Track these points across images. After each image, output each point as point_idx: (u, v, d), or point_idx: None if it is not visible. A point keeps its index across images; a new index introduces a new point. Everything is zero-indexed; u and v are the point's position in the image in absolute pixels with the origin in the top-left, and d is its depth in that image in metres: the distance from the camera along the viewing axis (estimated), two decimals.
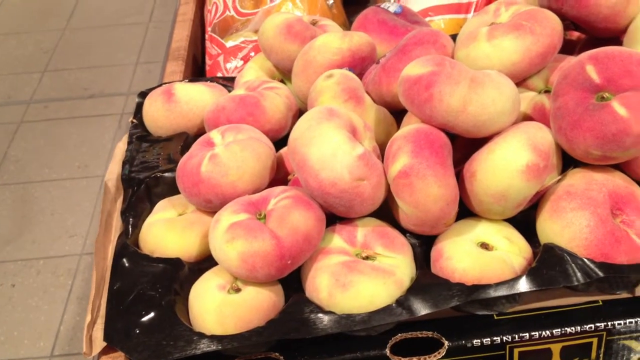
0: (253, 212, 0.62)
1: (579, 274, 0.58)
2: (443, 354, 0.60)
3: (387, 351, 0.60)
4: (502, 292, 0.58)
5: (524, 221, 0.65)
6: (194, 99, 0.81)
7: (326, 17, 0.99)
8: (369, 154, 0.61)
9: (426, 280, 0.60)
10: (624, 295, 0.62)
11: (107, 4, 2.26)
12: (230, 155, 0.66)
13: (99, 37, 2.10)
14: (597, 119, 0.58)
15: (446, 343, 0.60)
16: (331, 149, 0.60)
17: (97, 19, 2.18)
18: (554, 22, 0.68)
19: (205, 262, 0.66)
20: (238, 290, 0.61)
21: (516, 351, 0.61)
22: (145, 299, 0.62)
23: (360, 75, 0.77)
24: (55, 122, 1.77)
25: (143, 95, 0.88)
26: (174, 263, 0.65)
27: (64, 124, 1.77)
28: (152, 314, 0.61)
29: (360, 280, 0.59)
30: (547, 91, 0.69)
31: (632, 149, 0.58)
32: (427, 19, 0.99)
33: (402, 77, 0.63)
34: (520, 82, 0.70)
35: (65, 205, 1.53)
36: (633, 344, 0.61)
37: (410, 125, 0.64)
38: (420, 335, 0.61)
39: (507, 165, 0.59)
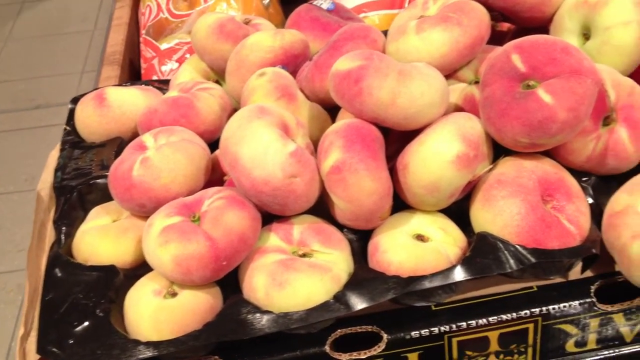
0: (187, 215, 0.61)
1: (512, 261, 0.59)
2: (383, 347, 0.60)
3: (327, 348, 0.60)
4: (437, 282, 0.58)
5: (459, 211, 0.65)
6: (127, 102, 0.80)
7: (261, 17, 0.99)
8: (302, 150, 0.61)
9: (363, 275, 0.60)
10: (558, 279, 0.62)
11: (49, 12, 2.22)
12: (162, 158, 0.65)
13: (42, 47, 2.06)
14: (524, 107, 0.59)
15: (385, 336, 0.60)
16: (262, 147, 0.59)
17: (40, 28, 2.14)
18: (481, 14, 0.69)
19: (142, 268, 0.65)
20: (174, 294, 0.60)
21: (454, 341, 0.61)
22: (79, 309, 0.61)
23: (294, 72, 0.77)
24: (0, 135, 1.73)
25: (75, 101, 0.86)
26: (108, 270, 0.64)
27: (10, 136, 1.73)
28: (86, 324, 0.59)
29: (297, 278, 0.59)
30: (477, 82, 0.70)
31: (559, 135, 0.59)
32: (362, 15, 1.00)
33: (332, 73, 0.63)
34: (451, 73, 0.71)
35: (13, 219, 1.49)
36: (568, 327, 0.62)
37: (342, 120, 0.64)
38: (359, 330, 0.61)
39: (438, 156, 0.59)
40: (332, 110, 0.73)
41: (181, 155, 0.66)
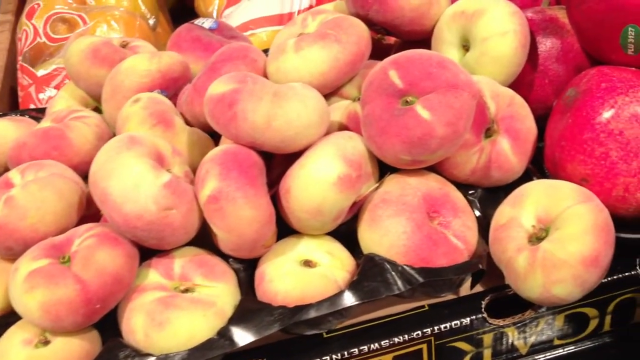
0: (55, 256, 0.57)
1: (400, 282, 0.57)
2: None
3: None
4: (324, 310, 0.56)
5: (349, 232, 0.63)
6: None
7: (146, 38, 0.96)
8: (177, 180, 0.58)
9: (248, 307, 0.58)
10: (450, 297, 0.61)
11: None
12: (28, 195, 0.61)
13: None
14: (403, 124, 0.57)
15: None
16: (133, 179, 0.56)
17: None
18: (360, 29, 0.68)
19: (12, 316, 0.60)
20: (46, 342, 0.56)
21: None
22: None
23: (174, 96, 0.74)
24: None
25: None
26: None
27: None
28: None
29: (178, 316, 0.56)
30: (360, 99, 0.68)
31: (439, 151, 0.58)
32: (249, 32, 0.97)
33: (206, 97, 0.60)
34: (334, 91, 0.69)
35: None
36: (462, 345, 0.61)
37: (220, 146, 0.61)
38: None
39: (319, 178, 0.57)
40: (216, 135, 0.70)
41: (49, 192, 0.61)
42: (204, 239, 0.62)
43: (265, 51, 0.74)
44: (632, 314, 0.64)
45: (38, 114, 0.86)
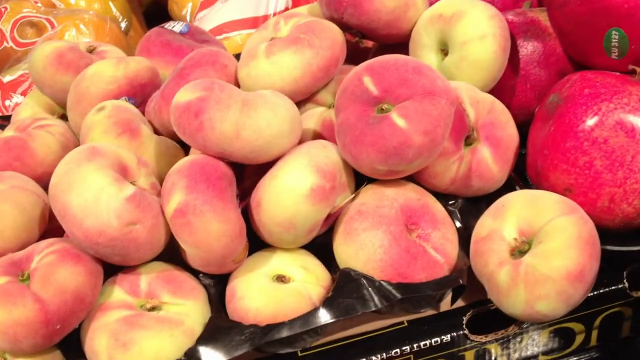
0: (14, 274, 0.54)
1: (376, 299, 0.55)
2: None
3: None
4: (297, 329, 0.53)
5: (324, 245, 0.61)
6: None
7: (117, 42, 0.93)
8: (142, 194, 0.55)
9: (217, 326, 0.55)
10: (430, 312, 0.59)
11: None
12: None
13: None
14: (378, 132, 0.55)
15: None
16: (94, 193, 0.53)
17: None
18: (334, 33, 0.65)
19: None
20: None
21: None
22: None
23: (142, 103, 0.71)
24: None
25: None
26: None
27: None
28: None
29: (143, 336, 0.53)
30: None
31: (417, 161, 0.55)
32: (223, 35, 0.95)
33: (173, 105, 0.57)
34: (308, 97, 0.66)
35: None
36: None
37: (187, 157, 0.58)
38: None
39: (291, 190, 0.55)
40: (186, 145, 0.67)
41: (8, 206, 0.58)
42: (172, 253, 0.59)
43: (238, 56, 0.71)
44: (620, 328, 0.61)
45: (4, 121, 0.83)
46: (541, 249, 0.52)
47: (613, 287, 0.58)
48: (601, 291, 0.58)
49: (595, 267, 0.52)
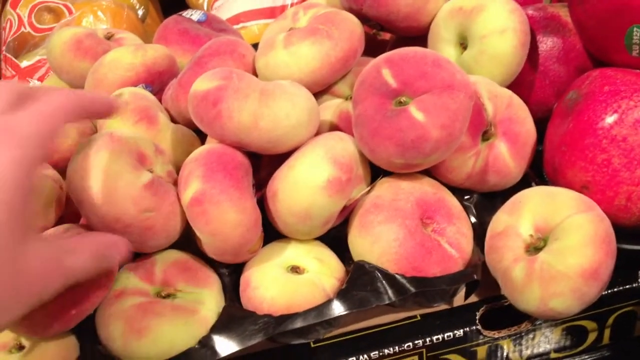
0: None
1: (390, 292, 0.54)
2: None
3: None
4: (311, 320, 0.54)
5: (339, 237, 0.61)
6: None
7: (134, 29, 0.93)
8: (159, 181, 0.55)
9: (232, 315, 0.55)
10: (443, 307, 0.59)
11: None
12: None
13: None
14: (396, 125, 0.54)
15: None
16: (111, 180, 0.53)
17: None
18: (353, 25, 0.65)
19: None
20: (21, 347, 0.54)
21: None
22: None
23: (160, 91, 0.71)
24: None
25: None
26: None
27: None
28: None
29: (158, 323, 0.53)
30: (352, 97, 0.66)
31: (434, 155, 0.55)
32: (240, 25, 0.94)
33: (191, 94, 0.57)
34: (325, 89, 0.66)
35: None
36: (455, 357, 0.59)
37: (204, 146, 0.58)
38: None
39: (307, 182, 0.55)
40: (203, 133, 0.67)
41: None
42: (188, 241, 0.60)
43: (256, 45, 0.71)
44: (633, 327, 0.61)
45: None
46: (557, 246, 0.52)
47: (627, 286, 0.58)
48: (615, 290, 0.58)
49: (610, 265, 0.52)
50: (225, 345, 0.53)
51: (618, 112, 0.54)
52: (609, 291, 0.58)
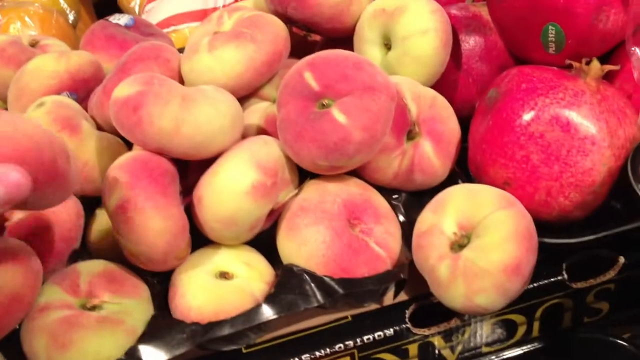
0: None
1: (318, 294, 0.55)
2: None
3: None
4: (239, 326, 0.53)
5: (269, 240, 0.61)
6: None
7: (64, 35, 0.91)
8: None
9: (159, 324, 0.55)
10: (373, 306, 0.59)
11: None
12: None
13: None
14: (319, 128, 0.54)
15: None
16: None
17: None
18: (277, 28, 0.65)
19: None
20: None
21: None
22: None
23: (85, 99, 0.70)
24: None
25: None
26: None
27: None
28: None
29: (83, 336, 0.52)
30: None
31: (357, 157, 0.55)
32: (171, 28, 0.93)
33: (112, 100, 0.56)
34: (252, 92, 0.66)
35: None
36: (387, 356, 0.59)
37: (129, 152, 0.57)
38: None
39: (231, 187, 0.54)
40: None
41: None
42: (114, 251, 0.59)
43: (182, 49, 0.70)
44: (561, 319, 0.62)
45: None
46: (479, 243, 0.52)
47: (552, 279, 0.59)
48: (541, 283, 0.59)
49: (532, 260, 0.53)
50: (152, 355, 0.52)
51: (535, 109, 0.55)
52: (535, 284, 0.59)
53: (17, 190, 0.38)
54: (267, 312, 0.54)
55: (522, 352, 0.64)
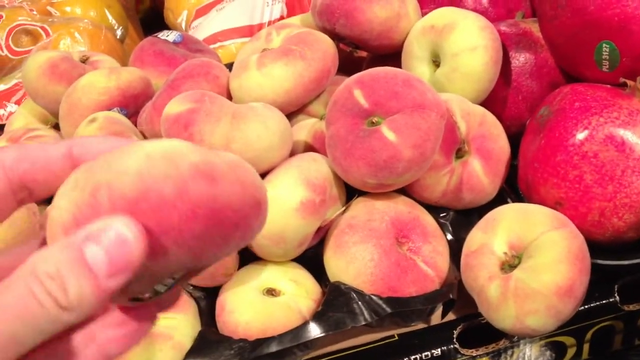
0: None
1: (366, 313, 0.54)
2: None
3: None
4: (287, 343, 0.53)
5: (315, 257, 0.60)
6: None
7: (113, 50, 0.92)
8: None
9: (207, 339, 0.55)
10: (421, 326, 0.58)
11: None
12: None
13: None
14: (368, 146, 0.54)
15: None
16: None
17: None
18: (326, 44, 0.65)
19: None
20: None
21: None
22: None
23: (135, 114, 0.71)
24: None
25: None
26: None
27: None
28: None
29: (132, 351, 0.52)
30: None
31: (406, 174, 0.55)
32: (217, 44, 0.94)
33: (163, 117, 0.57)
34: (300, 109, 0.66)
35: None
36: None
37: None
38: None
39: (280, 204, 0.54)
40: None
41: None
42: None
43: (232, 65, 0.71)
44: (611, 342, 0.61)
45: None
46: (531, 264, 0.52)
47: (604, 301, 0.58)
48: (592, 305, 0.58)
49: (585, 281, 0.52)
50: None
51: (588, 128, 0.54)
52: (586, 306, 0.57)
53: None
54: (315, 330, 0.54)
55: None
